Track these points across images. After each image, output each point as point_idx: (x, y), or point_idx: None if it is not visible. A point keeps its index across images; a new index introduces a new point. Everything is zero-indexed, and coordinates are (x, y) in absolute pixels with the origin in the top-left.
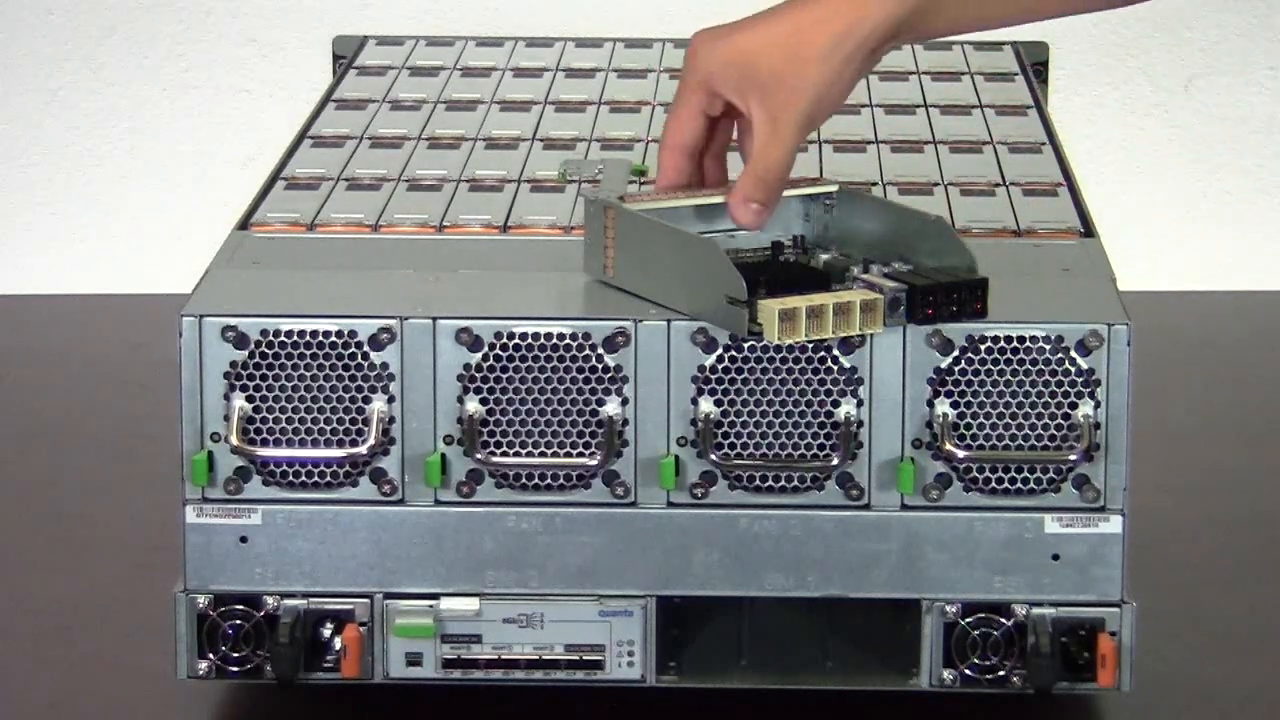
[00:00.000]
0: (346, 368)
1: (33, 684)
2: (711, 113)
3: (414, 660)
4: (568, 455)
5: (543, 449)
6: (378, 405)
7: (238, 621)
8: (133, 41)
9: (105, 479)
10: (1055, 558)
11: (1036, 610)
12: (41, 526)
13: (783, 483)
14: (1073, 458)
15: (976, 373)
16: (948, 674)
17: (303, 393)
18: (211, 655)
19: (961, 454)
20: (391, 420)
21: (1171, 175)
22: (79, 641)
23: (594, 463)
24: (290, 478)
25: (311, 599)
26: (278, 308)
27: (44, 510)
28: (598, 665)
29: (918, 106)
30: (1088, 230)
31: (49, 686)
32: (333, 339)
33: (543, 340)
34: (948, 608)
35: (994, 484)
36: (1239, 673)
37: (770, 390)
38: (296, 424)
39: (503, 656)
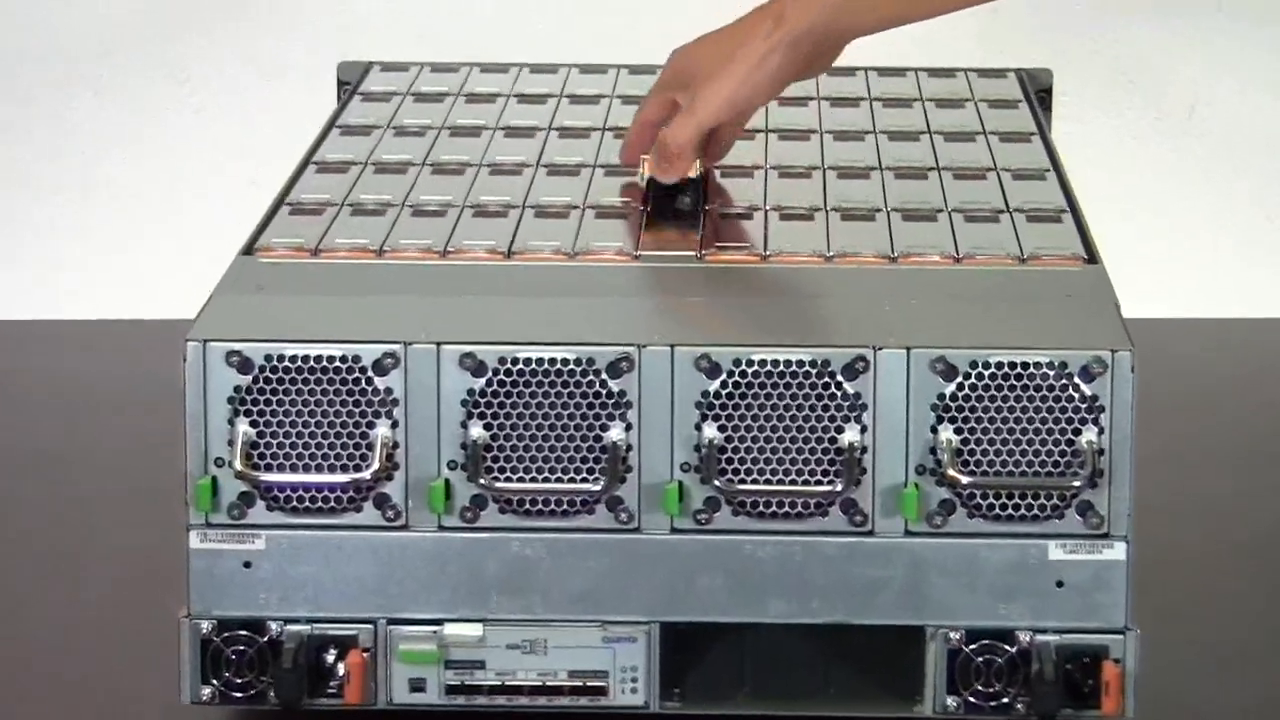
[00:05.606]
0: (350, 393)
1: (35, 710)
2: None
3: (417, 686)
4: (571, 481)
5: (546, 474)
6: (381, 430)
7: (241, 647)
8: (135, 65)
9: (109, 504)
10: (1059, 584)
11: (1040, 637)
12: (45, 551)
13: (786, 508)
14: (1076, 484)
15: (980, 399)
16: (951, 701)
17: (306, 418)
18: (215, 681)
19: (965, 480)
20: (395, 445)
21: (1175, 201)
22: (82, 668)
23: (597, 488)
24: (294, 503)
25: (315, 624)
26: (282, 333)
27: (47, 535)
28: (601, 691)
29: (921, 133)
30: (1091, 257)
31: (52, 713)
32: (337, 364)
33: (546, 365)
34: (951, 634)
35: (998, 510)
36: (1244, 700)
37: (774, 416)
38: (300, 449)
39: (506, 683)
